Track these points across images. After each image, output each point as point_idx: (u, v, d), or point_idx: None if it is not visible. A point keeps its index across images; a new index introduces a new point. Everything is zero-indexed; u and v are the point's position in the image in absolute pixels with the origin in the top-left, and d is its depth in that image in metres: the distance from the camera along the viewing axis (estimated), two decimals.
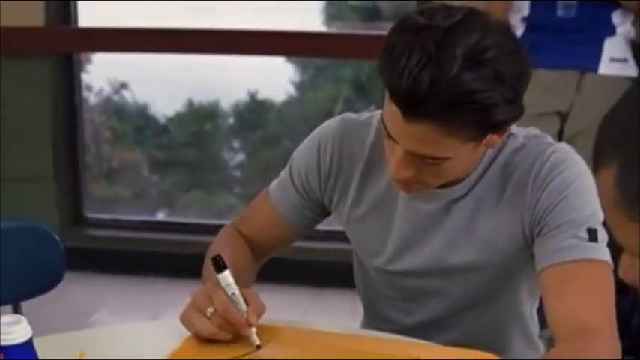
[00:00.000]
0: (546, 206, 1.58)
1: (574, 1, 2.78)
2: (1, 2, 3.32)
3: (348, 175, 1.74)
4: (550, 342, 1.64)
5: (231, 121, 7.18)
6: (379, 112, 1.64)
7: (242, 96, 6.88)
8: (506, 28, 1.54)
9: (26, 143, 3.74)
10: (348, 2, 6.18)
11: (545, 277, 1.58)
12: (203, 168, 6.52)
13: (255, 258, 1.84)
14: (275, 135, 6.85)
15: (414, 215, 1.69)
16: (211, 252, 1.74)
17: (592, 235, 1.51)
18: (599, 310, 1.53)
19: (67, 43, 3.53)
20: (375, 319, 1.82)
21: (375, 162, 1.73)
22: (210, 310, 1.56)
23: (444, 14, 1.46)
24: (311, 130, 1.82)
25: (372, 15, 5.91)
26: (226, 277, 1.56)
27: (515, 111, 1.53)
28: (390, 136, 1.54)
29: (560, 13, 2.75)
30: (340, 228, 1.83)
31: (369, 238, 1.75)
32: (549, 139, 1.68)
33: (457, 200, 1.66)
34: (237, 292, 1.56)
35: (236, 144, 7.20)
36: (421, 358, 1.54)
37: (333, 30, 5.60)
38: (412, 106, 1.44)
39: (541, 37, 2.90)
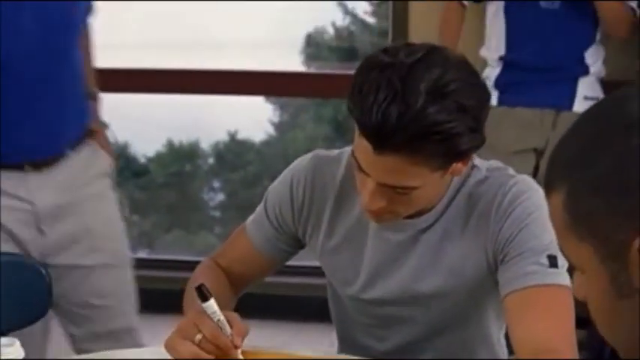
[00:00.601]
0: (508, 235, 1.68)
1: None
2: None
3: (319, 208, 1.83)
4: None
5: (211, 161, 7.27)
6: (349, 148, 1.75)
7: (222, 136, 7.05)
8: (466, 63, 1.65)
9: None
10: (326, 43, 6.33)
11: (509, 302, 1.66)
12: (183, 208, 6.58)
13: (234, 289, 1.93)
14: (255, 175, 6.94)
15: (384, 245, 1.78)
16: (192, 283, 1.82)
17: (552, 262, 1.61)
18: (561, 332, 1.61)
19: None
20: (349, 347, 1.91)
21: (345, 195, 1.82)
22: (198, 337, 1.63)
23: (407, 52, 1.57)
24: None
25: (351, 55, 6.06)
26: (212, 305, 1.64)
27: (478, 139, 1.62)
28: (361, 170, 1.64)
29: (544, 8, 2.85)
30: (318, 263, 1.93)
31: (342, 268, 1.84)
32: (511, 171, 1.78)
33: (424, 230, 1.76)
34: (222, 317, 1.65)
35: (216, 184, 7.29)
36: None
37: (312, 70, 5.74)
38: (382, 139, 1.54)
39: (518, 76, 3.02)
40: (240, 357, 1.65)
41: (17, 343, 1.42)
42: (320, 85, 3.79)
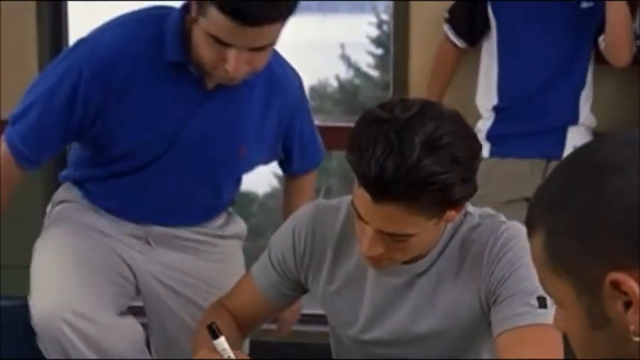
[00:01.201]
0: (500, 277, 1.77)
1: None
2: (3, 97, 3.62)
3: (320, 255, 1.93)
4: None
5: None
6: (348, 197, 1.85)
7: None
8: (458, 116, 1.76)
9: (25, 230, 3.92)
10: (330, 95, 6.47)
11: (501, 341, 1.74)
12: None
13: (241, 331, 2.02)
14: (258, 227, 7.02)
15: (381, 289, 1.87)
16: (202, 324, 1.92)
17: (542, 303, 1.69)
18: None
19: None
20: None
21: (345, 242, 1.92)
22: None
23: (402, 107, 1.68)
24: None
25: (354, 107, 6.21)
26: (222, 342, 1.73)
27: (471, 188, 1.72)
28: (360, 218, 1.74)
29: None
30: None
31: (343, 312, 1.93)
32: (502, 218, 1.87)
33: (420, 275, 1.85)
34: (231, 355, 1.74)
35: None
36: None
37: (316, 122, 5.89)
38: (380, 190, 1.65)
39: (509, 128, 3.10)
40: None
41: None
42: (324, 137, 3.89)
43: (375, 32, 5.89)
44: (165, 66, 2.09)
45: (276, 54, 2.17)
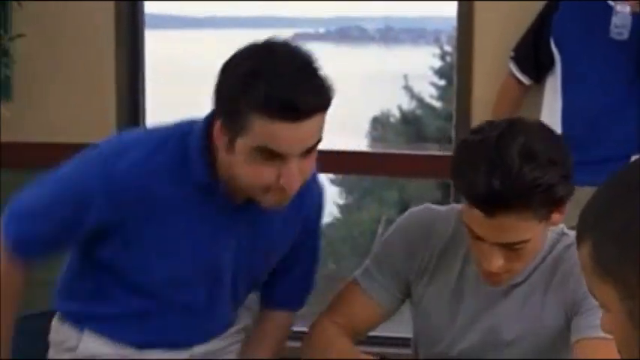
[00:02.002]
0: (585, 292, 1.90)
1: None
2: (76, 120, 3.80)
3: (427, 259, 2.06)
4: None
5: None
6: (457, 206, 2.02)
7: None
8: (543, 125, 1.93)
9: None
10: (392, 125, 6.60)
11: (578, 348, 1.87)
12: None
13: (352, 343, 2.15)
14: (320, 257, 7.10)
15: (480, 297, 2.00)
16: (325, 349, 2.04)
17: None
18: None
19: None
20: None
21: (449, 251, 2.04)
22: None
23: (490, 127, 1.85)
24: (356, 251, 2.16)
25: (417, 138, 6.34)
26: None
27: (571, 186, 1.87)
28: (477, 238, 1.89)
29: (612, 34, 3.05)
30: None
31: (438, 315, 2.05)
32: None
33: (517, 285, 1.98)
34: None
35: None
36: None
37: (377, 150, 6.02)
38: (491, 204, 1.80)
39: (576, 158, 3.21)
40: None
41: None
42: (384, 164, 4.04)
43: (437, 63, 6.02)
44: (192, 188, 1.93)
45: None
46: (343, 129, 5.83)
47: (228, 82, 1.81)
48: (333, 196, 7.36)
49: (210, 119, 1.90)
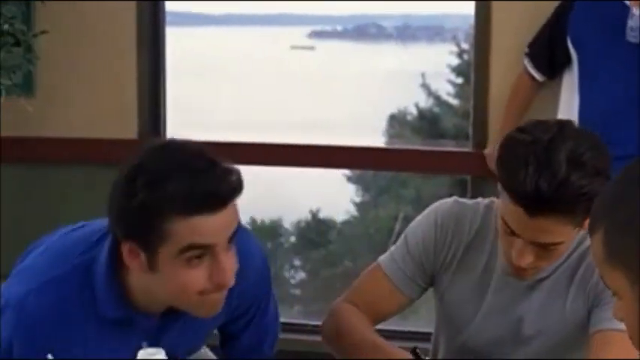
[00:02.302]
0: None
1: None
2: (97, 116, 3.89)
3: (454, 250, 2.14)
4: None
5: (293, 239, 7.56)
6: (484, 201, 2.13)
7: (304, 215, 7.32)
8: (591, 132, 2.01)
9: None
10: (409, 123, 6.66)
11: (595, 339, 1.97)
12: None
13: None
14: (336, 254, 7.16)
15: (504, 291, 2.08)
16: (346, 333, 2.11)
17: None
18: None
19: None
20: None
21: (476, 244, 2.11)
22: None
23: (542, 129, 1.92)
24: (372, 249, 2.21)
25: (433, 135, 6.39)
26: None
27: None
28: (511, 232, 1.95)
29: (629, 37, 3.12)
30: None
31: (462, 306, 2.12)
32: None
33: (543, 279, 2.07)
34: None
35: (297, 262, 7.56)
36: None
37: (392, 146, 6.09)
38: (535, 206, 1.88)
39: None
40: None
41: (162, 352, 1.71)
42: (400, 160, 4.09)
43: (455, 61, 6.07)
44: (103, 323, 1.88)
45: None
46: (360, 127, 5.89)
47: (130, 200, 1.71)
48: (349, 193, 7.44)
49: (112, 248, 1.82)
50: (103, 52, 3.92)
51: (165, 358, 1.66)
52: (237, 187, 1.73)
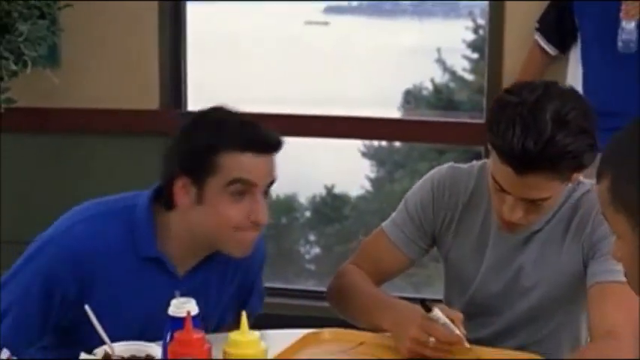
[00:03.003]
0: (601, 236, 2.12)
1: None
2: (120, 87, 4.04)
3: (452, 211, 2.30)
4: None
5: (307, 214, 7.62)
6: (477, 163, 2.28)
7: (319, 190, 7.33)
8: (576, 92, 2.15)
9: None
10: (425, 98, 6.75)
11: (593, 292, 2.11)
12: (279, 260, 6.85)
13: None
14: (351, 229, 7.21)
15: (501, 245, 2.24)
16: (349, 290, 2.28)
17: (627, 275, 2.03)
18: (628, 322, 2.00)
19: (175, 125, 4.11)
20: None
21: (473, 204, 2.28)
22: (432, 340, 2.04)
23: (528, 89, 2.06)
24: None
25: (449, 110, 6.47)
26: (437, 313, 2.05)
27: (596, 153, 2.08)
28: (502, 190, 2.09)
29: (620, 47, 3.25)
30: None
31: (465, 263, 2.30)
32: None
33: (536, 232, 2.22)
34: (447, 320, 2.05)
35: (312, 237, 7.62)
36: (481, 358, 2.07)
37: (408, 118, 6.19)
38: (523, 164, 2.02)
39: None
40: (466, 343, 2.05)
41: (193, 301, 1.87)
42: (418, 132, 4.22)
43: (470, 36, 6.15)
44: (138, 261, 2.11)
45: None
46: (375, 103, 5.99)
47: (192, 140, 2.06)
48: (364, 169, 7.46)
49: (152, 197, 2.12)
50: (126, 24, 4.08)
51: (197, 309, 1.81)
52: (279, 142, 2.08)
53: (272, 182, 2.08)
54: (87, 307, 1.95)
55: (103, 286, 2.10)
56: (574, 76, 3.48)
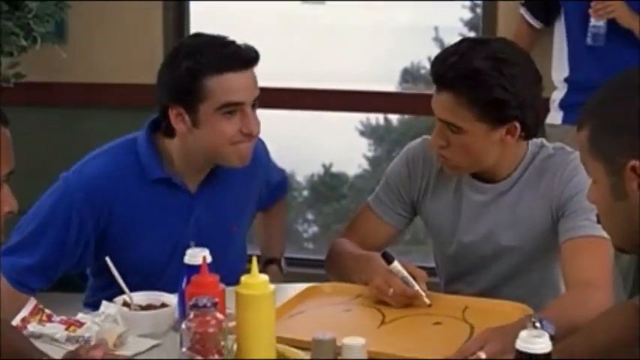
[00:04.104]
0: (568, 195, 2.31)
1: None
2: (127, 63, 4.25)
3: (427, 179, 2.50)
4: None
5: (305, 193, 7.74)
6: None
7: (317, 169, 7.53)
8: (527, 54, 2.33)
9: None
10: (423, 77, 6.90)
11: (565, 247, 2.29)
12: None
13: None
14: (348, 208, 7.32)
15: (472, 205, 2.44)
16: (340, 256, 2.50)
17: (598, 219, 1.97)
18: (601, 272, 2.21)
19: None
20: (447, 292, 2.50)
21: (445, 172, 2.46)
22: (390, 291, 2.24)
23: (484, 38, 2.26)
24: None
25: None
26: (396, 265, 2.27)
27: (529, 119, 2.27)
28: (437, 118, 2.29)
29: (589, 41, 3.47)
30: None
31: (443, 224, 2.50)
32: (570, 149, 2.40)
33: (503, 193, 2.41)
34: (405, 274, 2.27)
35: (310, 216, 7.74)
36: (468, 305, 2.27)
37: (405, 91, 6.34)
38: (437, 79, 2.25)
39: (579, 97, 3.57)
40: (425, 299, 2.26)
41: (207, 251, 2.07)
42: (415, 104, 4.41)
43: (468, 15, 6.30)
44: (149, 185, 2.34)
45: None
46: (374, 80, 6.13)
47: (175, 70, 2.25)
48: (361, 148, 7.59)
49: (150, 127, 2.36)
50: (131, 1, 4.27)
51: (210, 257, 2.01)
52: (255, 54, 2.30)
53: (257, 97, 2.31)
54: (107, 258, 2.18)
55: (121, 217, 2.33)
56: (559, 49, 3.68)
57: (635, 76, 1.68)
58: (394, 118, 7.62)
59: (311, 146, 7.16)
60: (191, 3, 4.40)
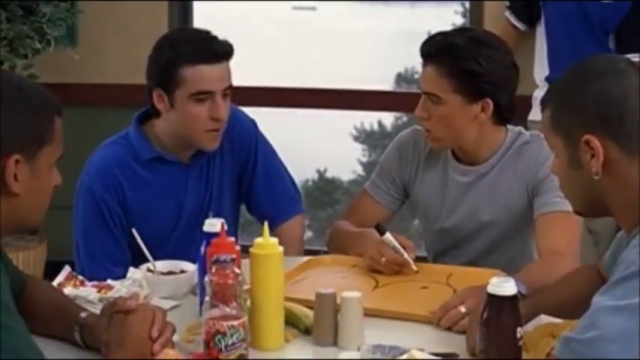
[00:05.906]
0: (542, 176, 2.61)
1: None
2: (135, 64, 4.54)
3: (416, 164, 2.82)
4: None
5: None
6: None
7: (311, 174, 7.80)
8: (506, 45, 2.66)
9: None
10: (416, 81, 7.12)
11: (539, 222, 2.60)
12: None
13: None
14: (343, 213, 7.51)
15: (456, 186, 2.75)
16: (339, 235, 2.83)
17: None
18: (568, 242, 2.50)
19: None
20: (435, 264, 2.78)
21: (432, 157, 2.80)
22: (383, 259, 2.55)
23: (470, 27, 2.66)
24: None
25: None
26: (388, 236, 2.59)
27: (502, 100, 2.60)
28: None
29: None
30: None
31: (431, 204, 2.81)
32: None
33: (484, 175, 2.72)
34: (396, 244, 2.58)
35: (304, 221, 7.83)
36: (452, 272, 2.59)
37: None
38: (423, 53, 2.60)
39: None
40: (413, 266, 2.60)
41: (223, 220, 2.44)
42: (408, 101, 4.72)
43: (460, 20, 6.59)
44: (144, 163, 2.75)
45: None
46: (368, 86, 6.40)
47: (159, 57, 2.65)
48: (355, 153, 7.93)
49: (138, 117, 2.74)
50: (138, 6, 4.59)
51: (226, 226, 2.38)
52: (229, 50, 2.65)
53: (229, 87, 2.67)
54: (134, 230, 2.58)
55: (132, 193, 2.73)
56: (540, 49, 4.02)
57: (596, 61, 1.94)
58: (388, 123, 7.87)
59: (305, 152, 7.35)
60: (195, 7, 4.70)
